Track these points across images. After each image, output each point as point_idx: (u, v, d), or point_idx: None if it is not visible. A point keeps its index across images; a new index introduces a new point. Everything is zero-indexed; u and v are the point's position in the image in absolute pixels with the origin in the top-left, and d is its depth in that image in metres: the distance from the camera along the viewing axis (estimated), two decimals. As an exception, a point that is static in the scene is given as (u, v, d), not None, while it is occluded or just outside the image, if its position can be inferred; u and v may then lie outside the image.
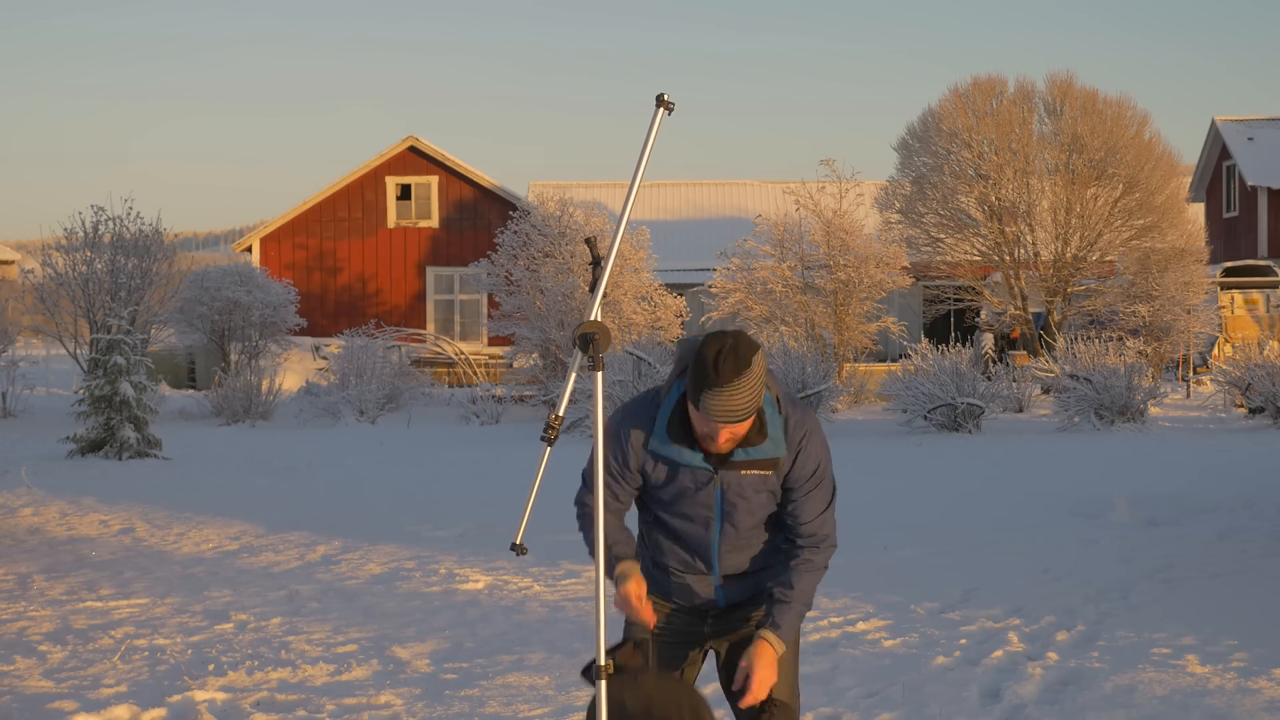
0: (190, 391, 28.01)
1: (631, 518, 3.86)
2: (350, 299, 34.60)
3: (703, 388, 3.44)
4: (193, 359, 29.75)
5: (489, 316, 30.31)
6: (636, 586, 3.61)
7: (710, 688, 4.28)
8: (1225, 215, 38.92)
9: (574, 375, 3.75)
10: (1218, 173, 39.76)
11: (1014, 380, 22.87)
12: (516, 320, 24.38)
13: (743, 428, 3.55)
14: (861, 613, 7.64)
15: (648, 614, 3.61)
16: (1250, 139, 38.01)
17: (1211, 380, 24.30)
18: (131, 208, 23.76)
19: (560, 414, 3.65)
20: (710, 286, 26.07)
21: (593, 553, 3.57)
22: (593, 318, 3.61)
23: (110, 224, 23.43)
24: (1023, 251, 29.48)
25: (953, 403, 19.05)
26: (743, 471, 3.62)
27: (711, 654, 3.96)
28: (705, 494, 3.64)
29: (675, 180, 42.84)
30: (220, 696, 6.15)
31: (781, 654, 3.65)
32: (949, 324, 35.71)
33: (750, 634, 3.76)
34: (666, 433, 3.61)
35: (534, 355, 24.65)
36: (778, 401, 3.63)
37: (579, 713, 5.89)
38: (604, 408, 3.62)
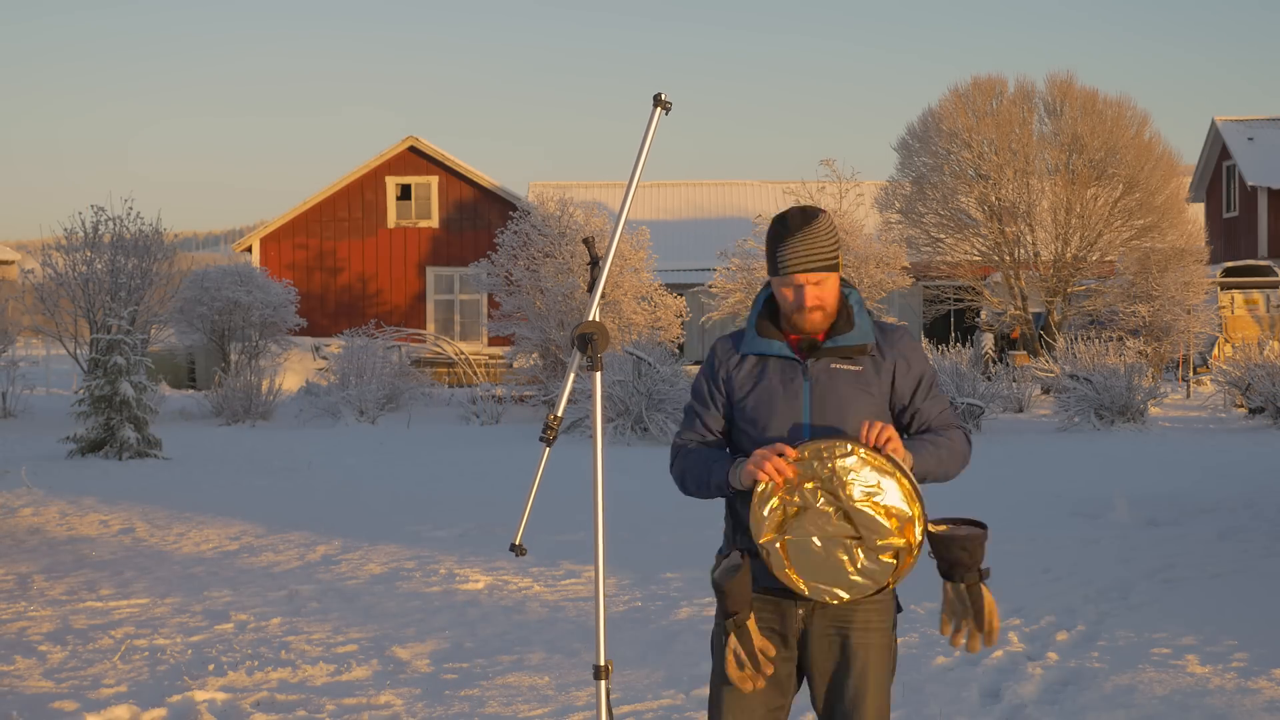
0: (190, 391, 28.01)
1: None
2: (350, 299, 34.60)
3: (779, 242, 3.55)
4: (193, 359, 29.75)
5: (489, 316, 30.31)
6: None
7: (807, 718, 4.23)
8: (1225, 215, 38.93)
9: (573, 375, 3.75)
10: (1218, 173, 39.77)
11: (1014, 380, 22.87)
12: (516, 320, 24.37)
13: (829, 293, 3.56)
14: (861, 613, 7.63)
15: (788, 471, 3.41)
16: (1250, 139, 38.02)
17: (1211, 380, 24.30)
18: (131, 208, 23.76)
19: (559, 414, 3.65)
20: (710, 286, 26.08)
21: (688, 488, 3.65)
22: (591, 318, 3.61)
23: (110, 224, 23.42)
24: (1023, 251, 29.49)
25: (953, 403, 19.06)
26: (832, 365, 3.57)
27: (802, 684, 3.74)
28: (793, 390, 3.56)
29: (675, 180, 42.89)
30: (220, 696, 6.15)
31: (906, 455, 3.53)
32: (949, 324, 35.72)
33: (845, 634, 3.60)
34: (756, 330, 3.63)
35: (534, 355, 24.64)
36: (869, 311, 3.70)
37: (579, 713, 5.89)
38: (603, 408, 3.62)
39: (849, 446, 3.40)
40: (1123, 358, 20.12)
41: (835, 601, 3.48)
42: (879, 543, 3.43)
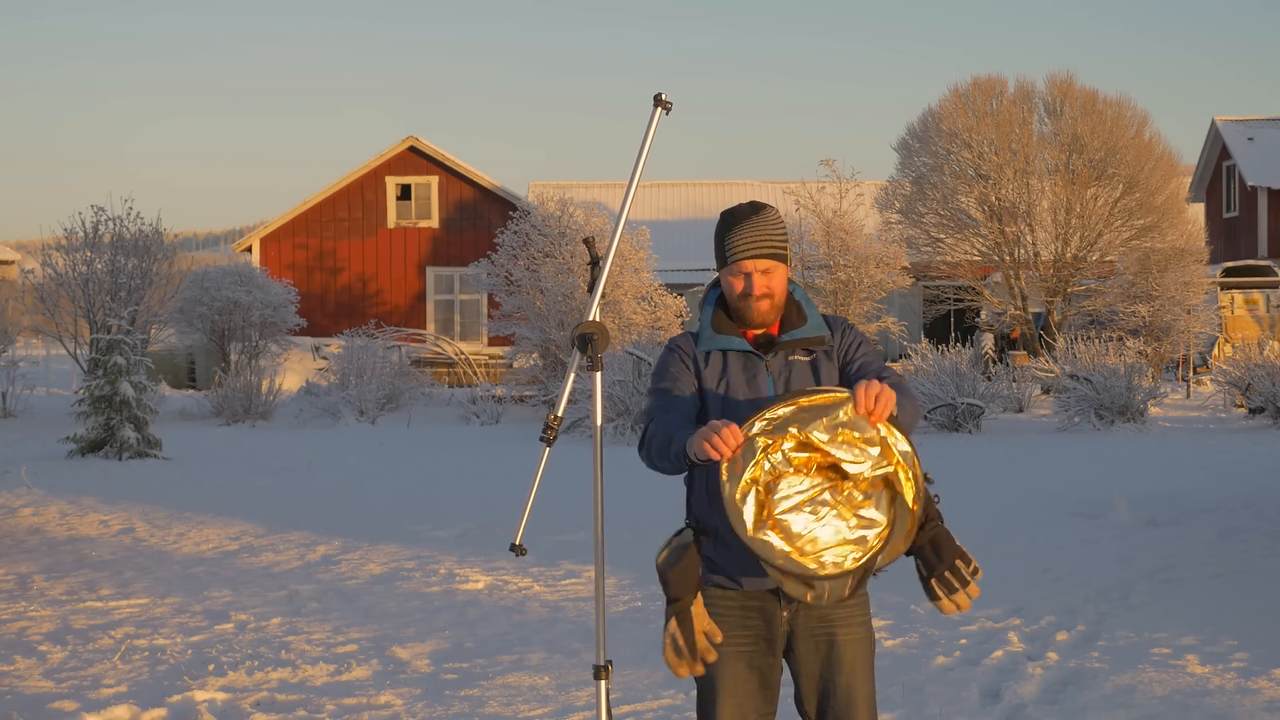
0: (190, 391, 28.01)
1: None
2: (350, 299, 34.60)
3: (726, 231, 3.62)
4: (193, 359, 29.75)
5: (489, 316, 30.31)
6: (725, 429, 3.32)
7: None
8: (1225, 215, 38.93)
9: (573, 375, 3.75)
10: (1218, 173, 39.77)
11: (1014, 380, 22.86)
12: (516, 320, 24.37)
13: (777, 283, 3.61)
14: (861, 613, 7.62)
15: (734, 441, 3.25)
16: (1250, 139, 38.02)
17: (1211, 380, 24.30)
18: (131, 208, 23.76)
19: (559, 414, 3.65)
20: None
21: (653, 458, 3.51)
22: (591, 318, 3.61)
23: (110, 224, 23.42)
24: (1023, 251, 29.48)
25: (953, 403, 19.05)
26: (790, 357, 3.63)
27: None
28: (757, 384, 3.60)
29: (675, 180, 42.88)
30: (220, 696, 6.15)
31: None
32: (949, 324, 35.73)
33: (831, 633, 3.59)
34: (712, 328, 3.67)
35: (534, 355, 24.64)
36: (814, 304, 3.75)
37: (579, 713, 5.89)
38: (603, 408, 3.62)
39: (825, 420, 3.23)
40: (1123, 358, 20.12)
41: (851, 566, 3.20)
42: (861, 467, 3.18)
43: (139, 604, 8.19)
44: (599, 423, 3.61)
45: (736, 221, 3.61)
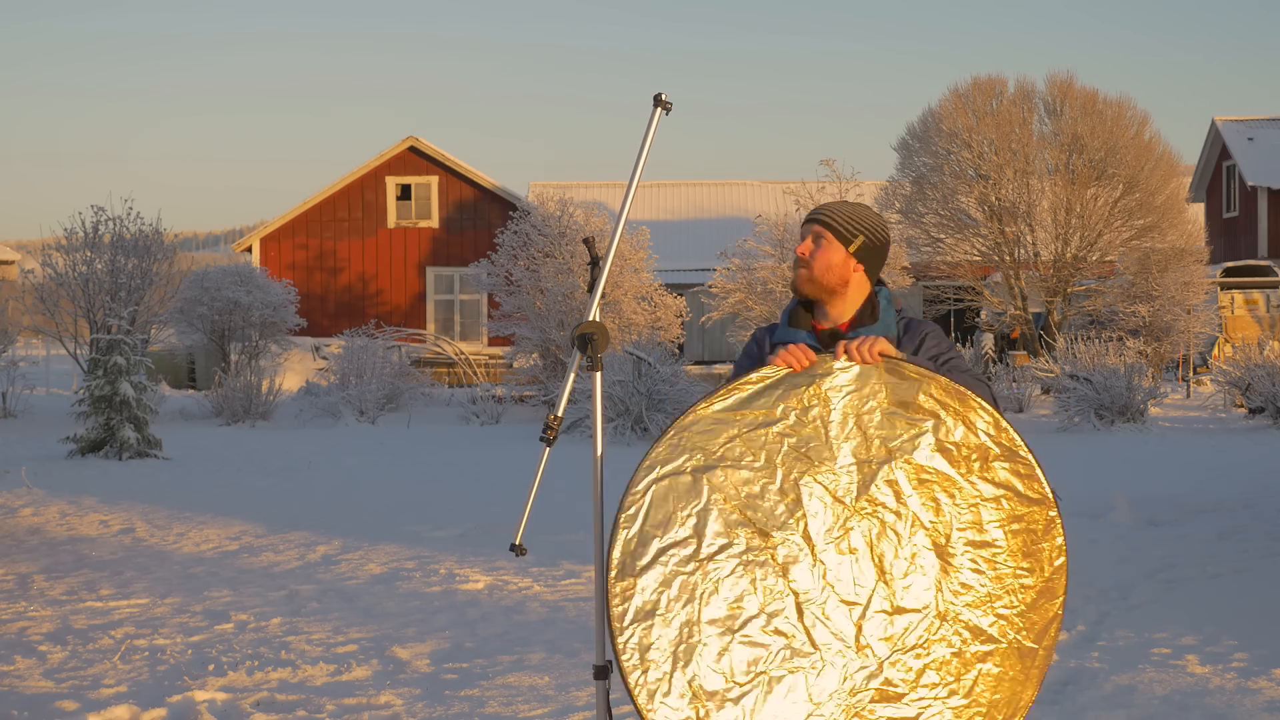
0: (190, 391, 28.01)
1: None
2: (350, 299, 34.61)
3: None
4: (193, 359, 29.76)
5: (489, 316, 30.32)
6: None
7: None
8: (1225, 215, 38.94)
9: (573, 375, 3.75)
10: (1218, 173, 39.77)
11: (1014, 380, 22.87)
12: (516, 320, 24.38)
13: (822, 257, 3.62)
14: (861, 613, 7.61)
15: (804, 357, 3.46)
16: (1250, 139, 38.04)
17: (1211, 380, 24.30)
18: (131, 208, 23.76)
19: (559, 414, 3.65)
20: (710, 286, 26.08)
21: None
22: (591, 318, 3.61)
23: (110, 224, 23.42)
24: (1023, 251, 29.48)
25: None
26: None
27: None
28: None
29: (675, 180, 42.88)
30: (220, 696, 6.15)
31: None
32: (949, 324, 35.73)
33: None
34: (788, 319, 3.73)
35: (534, 355, 24.65)
36: (898, 309, 3.76)
37: (579, 713, 5.89)
38: (603, 408, 3.62)
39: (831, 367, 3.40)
40: (1123, 358, 20.13)
41: None
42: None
43: (139, 604, 8.19)
44: (599, 423, 3.61)
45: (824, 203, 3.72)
